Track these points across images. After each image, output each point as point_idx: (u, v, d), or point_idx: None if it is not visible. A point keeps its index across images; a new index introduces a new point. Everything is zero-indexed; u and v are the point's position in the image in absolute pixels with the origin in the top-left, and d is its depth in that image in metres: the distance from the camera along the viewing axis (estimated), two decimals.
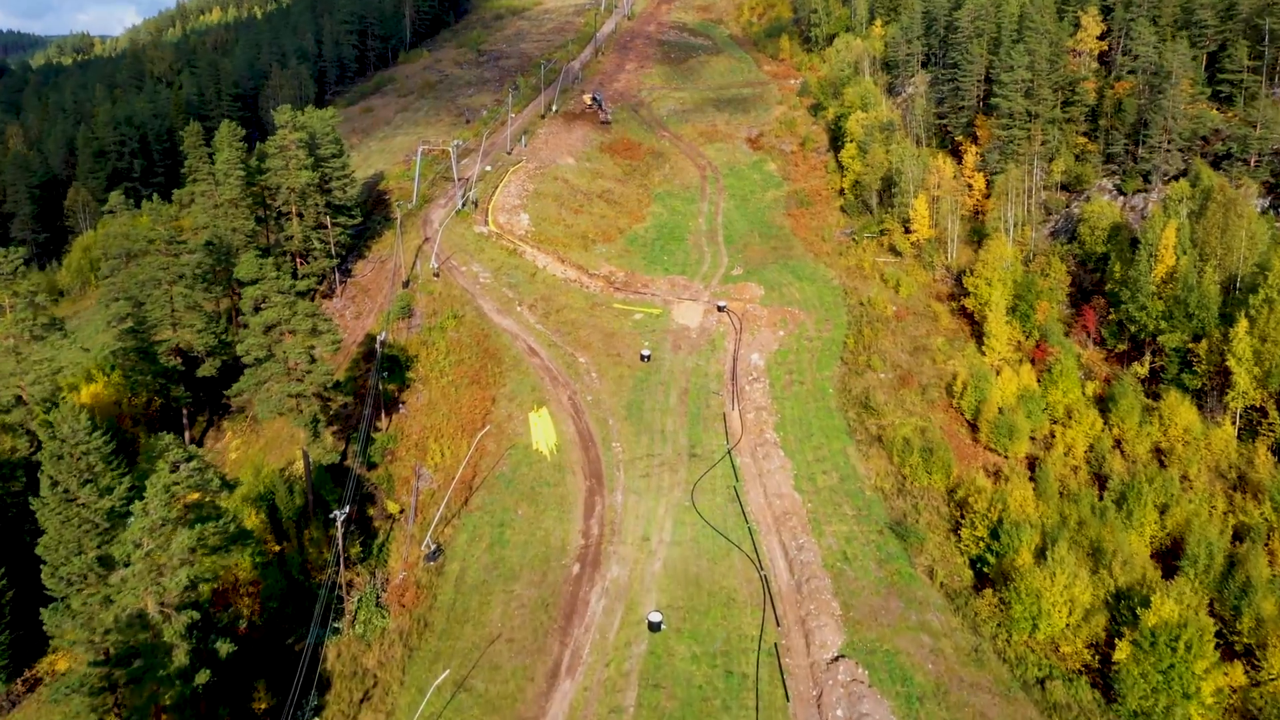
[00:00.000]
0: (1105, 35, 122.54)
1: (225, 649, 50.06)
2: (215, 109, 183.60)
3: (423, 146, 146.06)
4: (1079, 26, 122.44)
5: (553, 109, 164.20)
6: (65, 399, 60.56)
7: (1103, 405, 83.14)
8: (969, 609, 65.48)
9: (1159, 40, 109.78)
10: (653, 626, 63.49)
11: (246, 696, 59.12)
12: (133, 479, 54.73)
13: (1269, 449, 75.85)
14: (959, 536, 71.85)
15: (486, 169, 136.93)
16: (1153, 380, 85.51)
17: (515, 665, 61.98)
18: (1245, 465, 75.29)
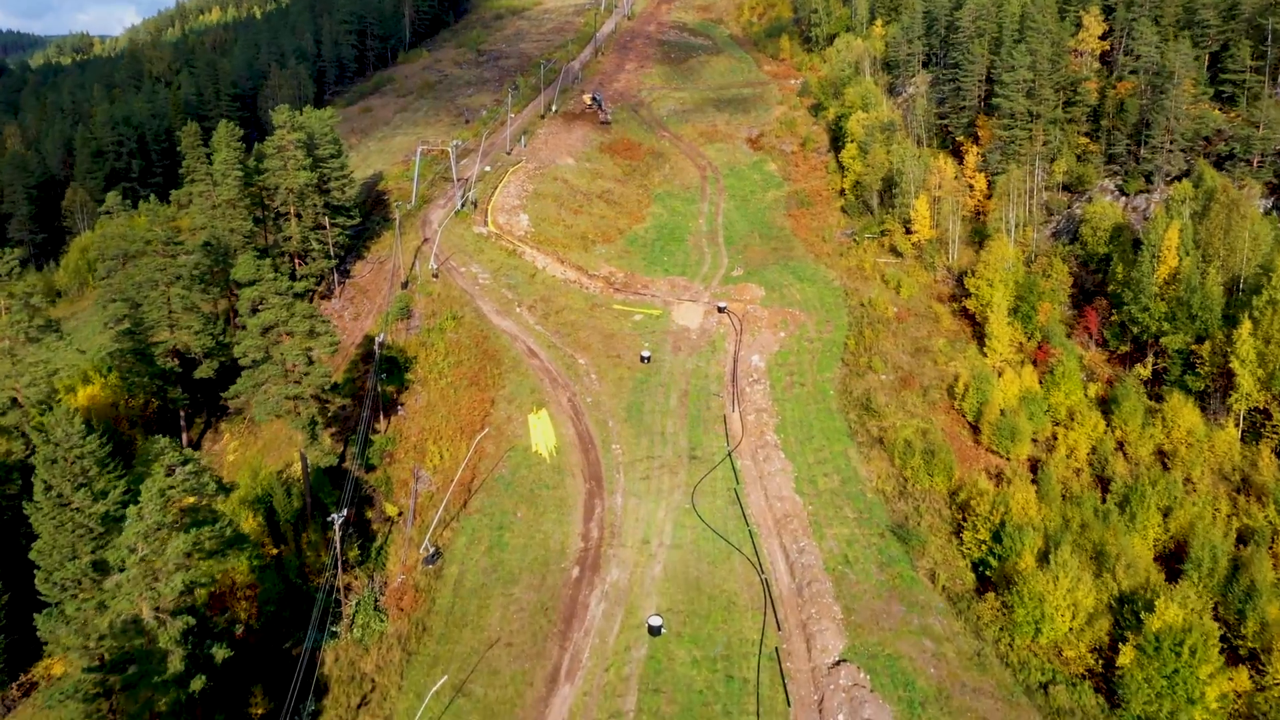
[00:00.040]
0: (1107, 35, 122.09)
1: (221, 654, 49.59)
2: (214, 109, 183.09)
3: (422, 147, 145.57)
4: (1080, 26, 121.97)
5: (552, 109, 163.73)
6: (60, 402, 60.08)
7: (1105, 407, 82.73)
8: (971, 613, 65.01)
9: (1161, 40, 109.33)
10: (653, 630, 63.03)
11: (243, 701, 58.65)
12: (128, 482, 54.24)
13: (1273, 451, 75.42)
14: (961, 539, 71.40)
15: (486, 169, 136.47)
16: (1155, 382, 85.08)
17: (514, 670, 61.51)
18: (1249, 468, 74.85)
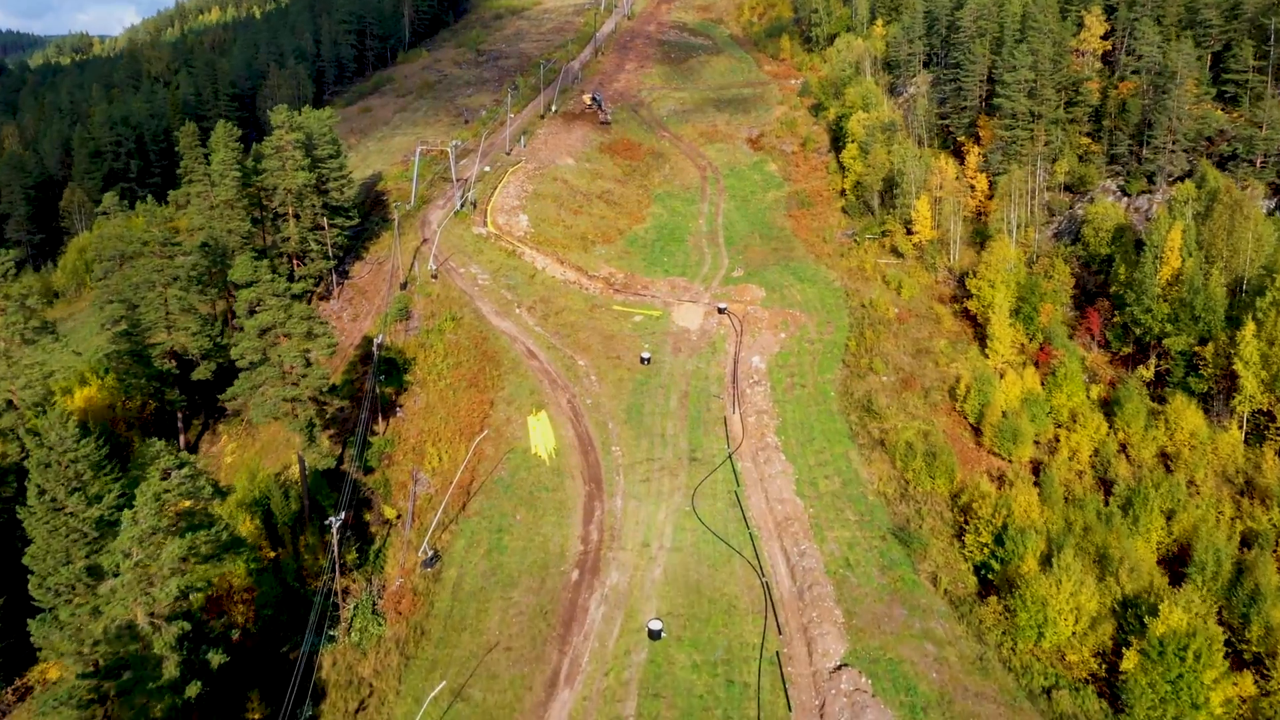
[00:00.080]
0: (1109, 35, 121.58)
1: (217, 660, 49.12)
2: (212, 109, 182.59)
3: (421, 147, 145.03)
4: (1082, 26, 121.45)
5: (552, 109, 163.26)
6: (54, 405, 59.56)
7: (1108, 409, 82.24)
8: (973, 617, 64.57)
9: (1163, 40, 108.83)
10: (653, 634, 62.59)
11: (240, 707, 58.14)
12: (124, 486, 53.75)
13: (1276, 453, 74.78)
14: (963, 542, 70.93)
15: (485, 169, 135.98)
16: (1158, 384, 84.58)
17: (513, 674, 61.06)
18: (1253, 470, 74.37)
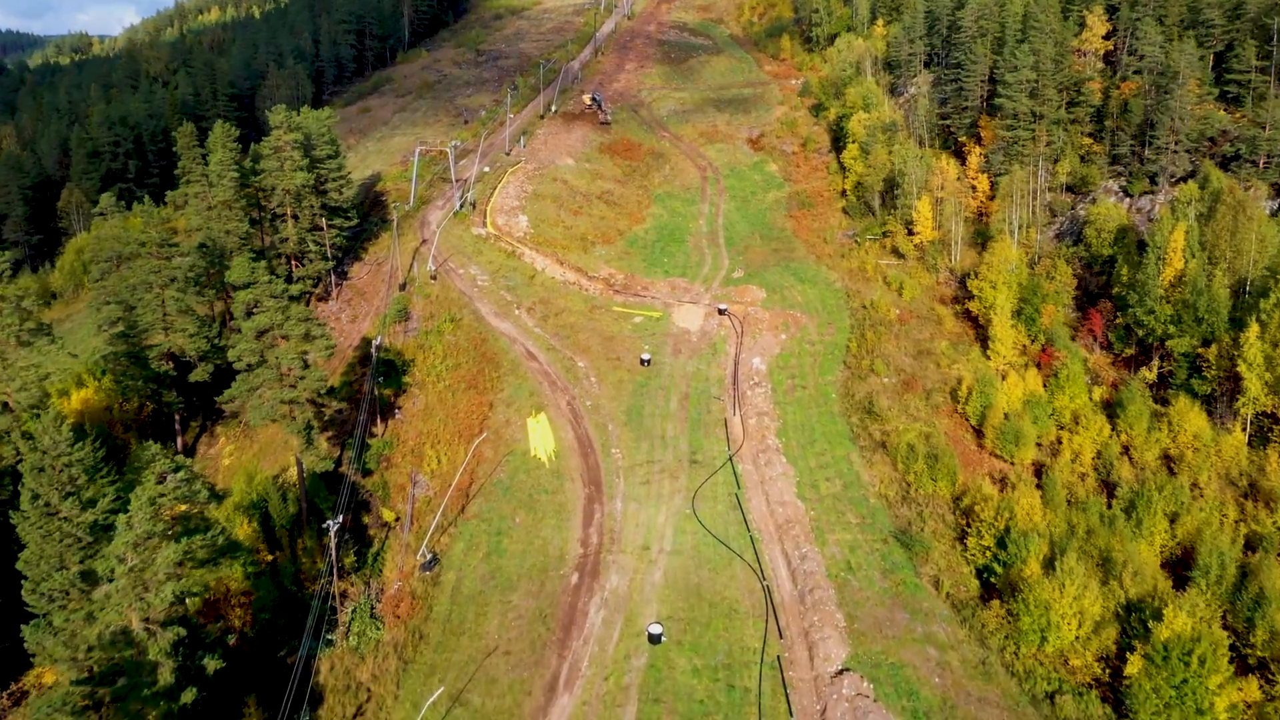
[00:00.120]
0: (1111, 35, 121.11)
1: (213, 665, 48.62)
2: (211, 109, 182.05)
3: (420, 147, 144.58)
4: (1084, 26, 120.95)
5: (552, 109, 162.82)
6: (49, 408, 59.01)
7: (1110, 411, 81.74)
8: (976, 620, 64.09)
9: (1165, 40, 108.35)
10: (653, 639, 62.10)
11: (236, 712, 57.58)
12: (119, 490, 53.26)
13: None
14: (965, 546, 70.43)
15: (485, 170, 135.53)
16: (1161, 385, 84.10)
17: (512, 679, 60.57)
18: (1256, 473, 73.90)
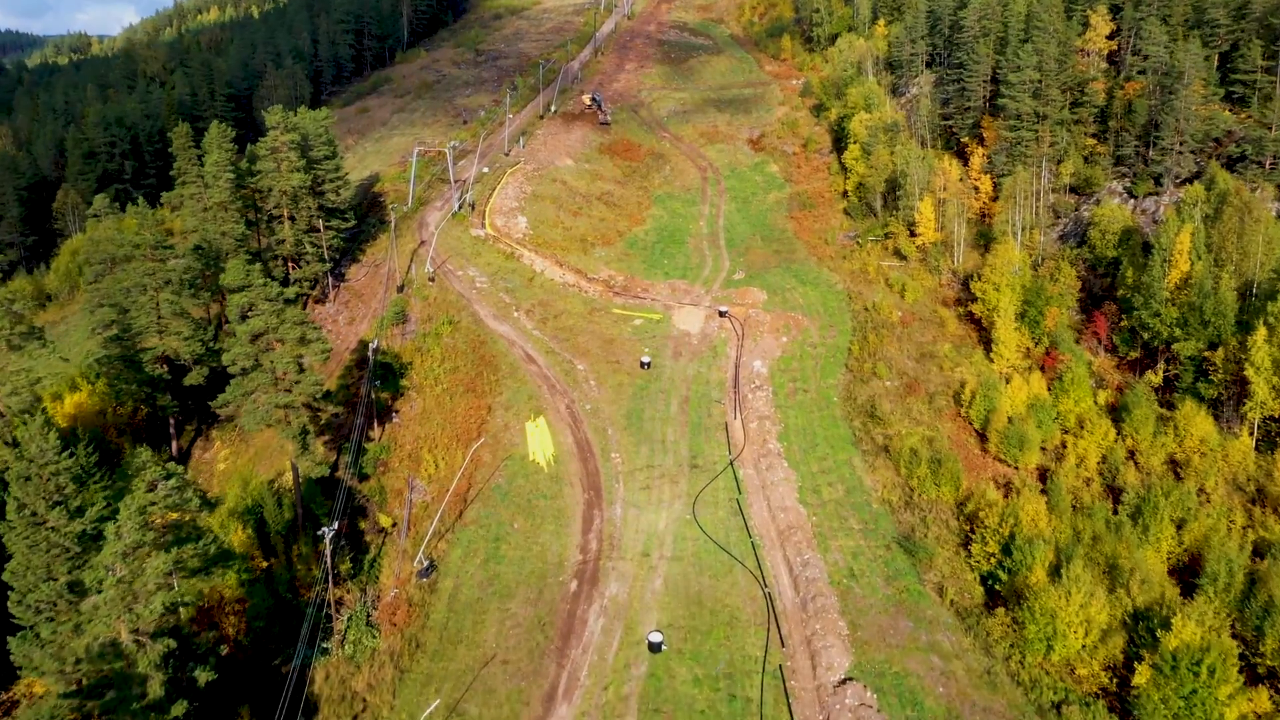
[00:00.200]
0: (1114, 35, 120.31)
1: (204, 677, 47.67)
2: (208, 109, 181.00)
3: (419, 148, 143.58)
4: (1087, 26, 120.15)
5: (551, 110, 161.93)
6: (38, 414, 57.98)
7: (1115, 415, 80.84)
8: (981, 629, 63.10)
9: (1170, 40, 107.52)
10: (653, 647, 61.17)
11: None
12: (108, 497, 52.32)
13: None
14: (969, 552, 69.42)
15: (484, 170, 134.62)
16: (1167, 389, 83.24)
17: (510, 688, 59.63)
18: (1264, 478, 73.01)
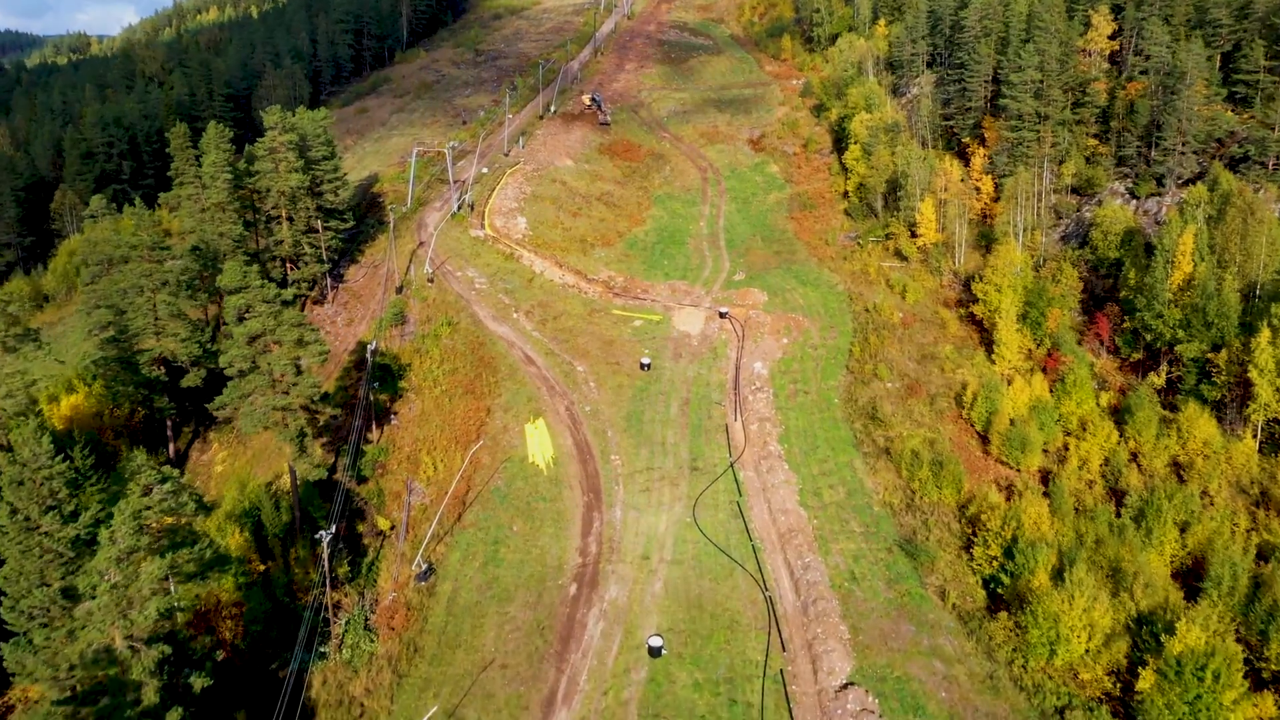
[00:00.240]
0: (1116, 35, 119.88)
1: (200, 683, 47.16)
2: (207, 109, 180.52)
3: (418, 148, 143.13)
4: (1089, 26, 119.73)
5: (551, 110, 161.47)
6: (31, 418, 57.56)
7: (1118, 417, 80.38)
8: (983, 633, 62.61)
9: (1172, 40, 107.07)
10: (653, 651, 60.69)
11: None
12: (103, 502, 51.80)
13: None
14: (971, 555, 68.92)
15: (483, 171, 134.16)
16: (1170, 391, 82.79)
17: (509, 693, 59.14)
18: (1268, 481, 72.56)
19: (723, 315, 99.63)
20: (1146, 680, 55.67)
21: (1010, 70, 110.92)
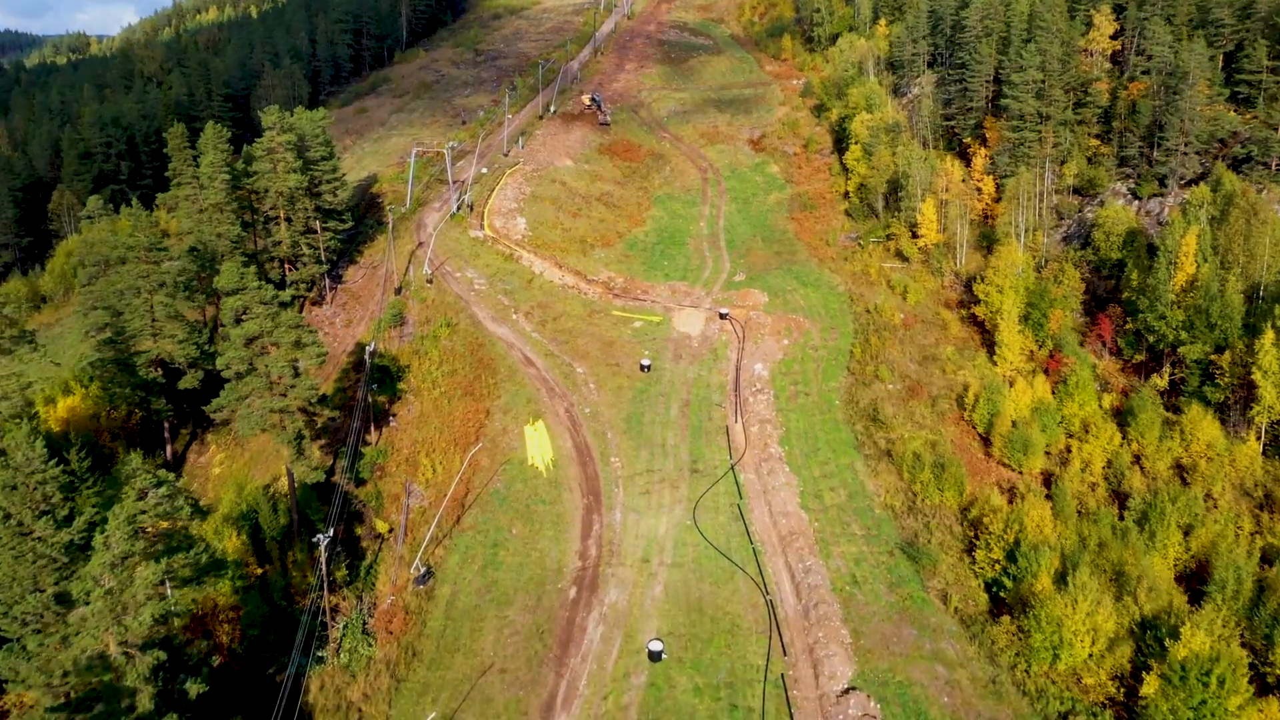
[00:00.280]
0: (1118, 34, 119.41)
1: (195, 689, 46.69)
2: (205, 110, 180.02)
3: (417, 148, 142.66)
4: (1091, 26, 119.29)
5: (551, 110, 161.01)
6: (26, 420, 57.11)
7: (1121, 419, 79.92)
8: (985, 637, 62.14)
9: (1174, 40, 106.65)
10: (653, 656, 60.24)
11: None
12: (100, 504, 51.35)
13: None
14: (973, 558, 68.51)
15: (483, 171, 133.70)
16: (1173, 393, 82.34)
17: (508, 698, 58.68)
18: (1272, 483, 72.09)
19: (723, 316, 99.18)
20: (1151, 685, 55.17)
21: (1011, 70, 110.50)
